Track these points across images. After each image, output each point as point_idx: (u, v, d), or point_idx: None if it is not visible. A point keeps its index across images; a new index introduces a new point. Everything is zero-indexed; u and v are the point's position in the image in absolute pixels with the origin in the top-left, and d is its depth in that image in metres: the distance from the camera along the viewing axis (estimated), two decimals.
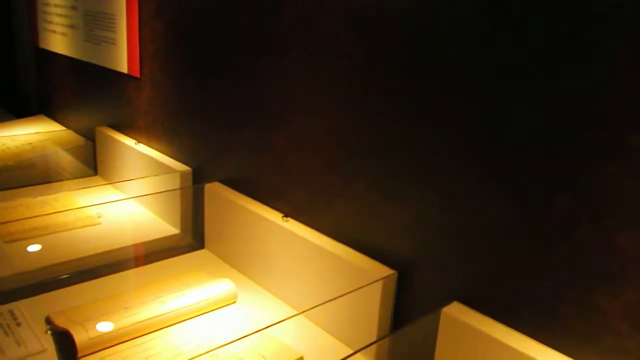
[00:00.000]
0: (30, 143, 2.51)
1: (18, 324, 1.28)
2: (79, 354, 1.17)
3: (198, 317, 1.36)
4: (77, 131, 2.60)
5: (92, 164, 2.39)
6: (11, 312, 1.32)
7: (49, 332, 1.26)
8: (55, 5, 2.56)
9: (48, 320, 1.27)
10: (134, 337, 1.26)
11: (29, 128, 2.76)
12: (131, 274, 1.62)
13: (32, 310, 1.34)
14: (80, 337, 1.19)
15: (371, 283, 1.17)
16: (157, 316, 1.30)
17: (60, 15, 2.52)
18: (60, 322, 1.24)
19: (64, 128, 2.71)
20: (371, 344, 1.15)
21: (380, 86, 1.17)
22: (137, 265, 1.70)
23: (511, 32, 0.94)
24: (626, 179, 0.83)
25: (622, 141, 0.83)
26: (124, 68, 2.07)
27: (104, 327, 1.24)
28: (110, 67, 2.16)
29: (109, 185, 2.19)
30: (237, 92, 1.56)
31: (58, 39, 2.59)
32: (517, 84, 0.94)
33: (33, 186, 2.19)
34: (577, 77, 0.87)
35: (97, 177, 2.34)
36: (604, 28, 0.83)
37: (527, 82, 0.93)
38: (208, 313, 1.38)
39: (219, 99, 1.64)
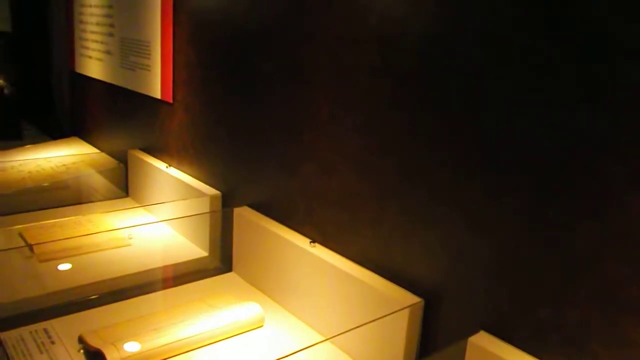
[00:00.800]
0: (64, 165, 2.58)
1: (52, 342, 1.31)
2: None
3: (226, 340, 1.38)
4: (109, 154, 2.66)
5: (124, 186, 2.44)
6: (46, 330, 1.36)
7: (82, 351, 1.29)
8: (92, 32, 2.65)
9: (81, 340, 1.31)
10: (163, 358, 1.28)
11: (63, 150, 2.84)
12: (160, 295, 1.65)
13: (65, 329, 1.37)
14: (112, 356, 1.22)
15: (398, 311, 1.18)
16: (185, 338, 1.32)
17: (97, 41, 2.61)
18: (93, 342, 1.28)
19: (97, 150, 2.78)
20: None
21: (406, 114, 1.19)
22: (166, 287, 1.73)
23: (535, 70, 0.96)
24: None
25: None
26: (157, 94, 2.13)
27: (134, 347, 1.26)
28: (144, 93, 2.22)
29: (140, 207, 2.24)
30: (267, 118, 1.60)
31: (94, 64, 2.68)
32: (542, 116, 0.96)
33: (67, 207, 2.25)
34: (603, 109, 0.88)
35: (128, 198, 2.39)
36: (629, 62, 0.84)
37: (552, 114, 0.94)
38: (236, 336, 1.39)
39: (249, 125, 1.68)
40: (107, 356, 1.21)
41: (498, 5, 1.01)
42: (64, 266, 1.74)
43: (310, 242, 1.47)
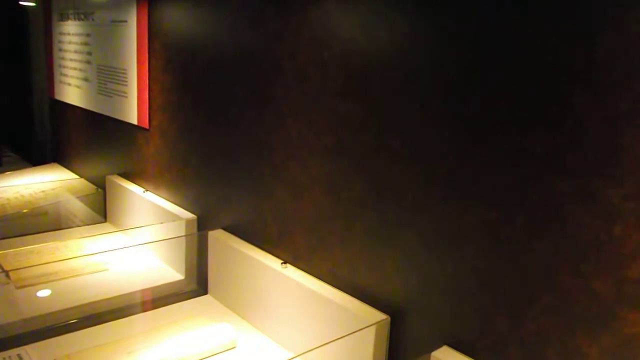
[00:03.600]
0: (43, 191, 2.59)
1: None
2: None
3: None
4: (88, 179, 2.68)
5: (102, 211, 2.46)
6: (19, 356, 1.37)
7: None
8: (71, 60, 2.68)
9: None
10: None
11: (42, 176, 2.85)
12: (136, 319, 1.67)
13: (40, 354, 1.39)
14: None
15: (365, 328, 1.21)
16: None
17: (75, 69, 2.64)
18: None
19: (76, 176, 2.80)
20: None
21: (372, 137, 1.23)
22: (142, 311, 1.75)
23: (491, 97, 1.01)
24: (600, 229, 0.89)
25: (594, 193, 0.89)
26: (134, 119, 2.16)
27: None
28: (121, 119, 2.25)
29: (117, 234, 2.25)
30: (240, 143, 1.63)
31: (73, 91, 2.71)
32: (499, 139, 1.01)
33: (45, 233, 2.27)
34: (550, 130, 0.93)
35: (106, 223, 2.41)
36: (579, 89, 0.90)
37: (508, 138, 0.99)
38: (209, 358, 1.41)
39: (223, 150, 1.71)
40: None
41: (455, 34, 1.06)
42: (41, 292, 1.75)
43: (282, 263, 1.50)
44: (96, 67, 2.42)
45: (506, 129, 0.99)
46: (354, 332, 1.23)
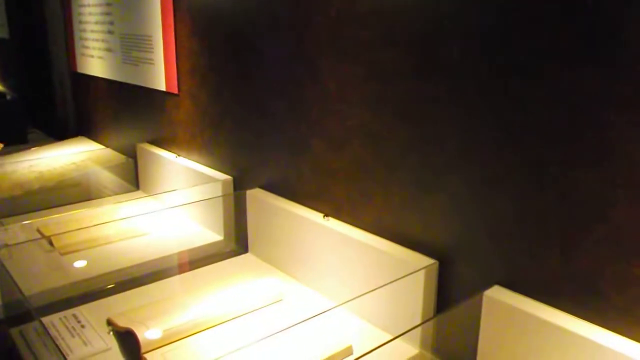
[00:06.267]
0: (74, 163, 2.62)
1: (82, 326, 1.36)
2: (142, 350, 1.25)
3: (248, 314, 1.42)
4: (117, 149, 2.70)
5: (134, 180, 2.49)
6: (75, 316, 1.41)
7: (111, 332, 1.34)
8: (92, 31, 2.68)
9: (109, 322, 1.36)
10: (190, 334, 1.33)
11: (70, 149, 2.88)
12: (180, 278, 1.70)
13: (93, 314, 1.42)
14: (142, 334, 1.27)
15: (412, 273, 1.23)
16: (210, 315, 1.37)
17: (97, 40, 2.64)
18: (122, 323, 1.32)
19: (104, 147, 2.82)
20: (416, 326, 1.21)
21: (410, 82, 1.23)
22: (185, 271, 1.78)
23: (536, 33, 1.00)
24: None
25: None
26: (162, 86, 2.17)
27: (162, 325, 1.31)
28: (149, 86, 2.26)
29: (152, 200, 2.28)
30: (272, 100, 1.64)
31: (96, 63, 2.72)
32: (544, 72, 1.00)
33: (79, 202, 2.30)
34: (602, 65, 0.92)
35: (139, 192, 2.44)
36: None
37: (553, 71, 0.98)
38: (257, 311, 1.44)
39: (255, 109, 1.72)
40: (138, 334, 1.26)
41: None
42: (85, 258, 1.78)
43: (324, 216, 1.51)
44: (119, 37, 2.42)
45: (554, 64, 0.98)
46: (402, 278, 1.24)
